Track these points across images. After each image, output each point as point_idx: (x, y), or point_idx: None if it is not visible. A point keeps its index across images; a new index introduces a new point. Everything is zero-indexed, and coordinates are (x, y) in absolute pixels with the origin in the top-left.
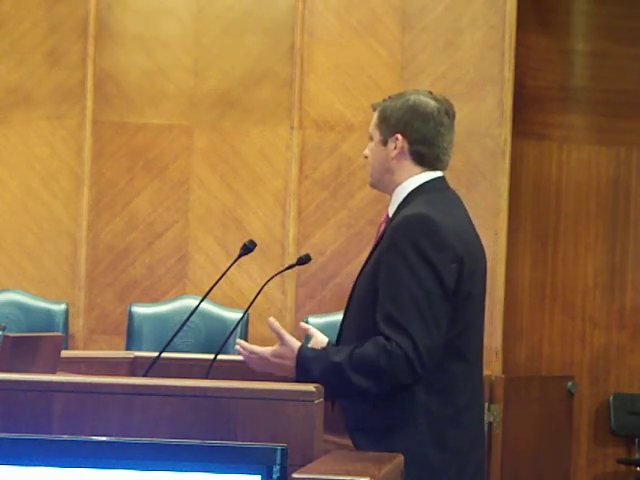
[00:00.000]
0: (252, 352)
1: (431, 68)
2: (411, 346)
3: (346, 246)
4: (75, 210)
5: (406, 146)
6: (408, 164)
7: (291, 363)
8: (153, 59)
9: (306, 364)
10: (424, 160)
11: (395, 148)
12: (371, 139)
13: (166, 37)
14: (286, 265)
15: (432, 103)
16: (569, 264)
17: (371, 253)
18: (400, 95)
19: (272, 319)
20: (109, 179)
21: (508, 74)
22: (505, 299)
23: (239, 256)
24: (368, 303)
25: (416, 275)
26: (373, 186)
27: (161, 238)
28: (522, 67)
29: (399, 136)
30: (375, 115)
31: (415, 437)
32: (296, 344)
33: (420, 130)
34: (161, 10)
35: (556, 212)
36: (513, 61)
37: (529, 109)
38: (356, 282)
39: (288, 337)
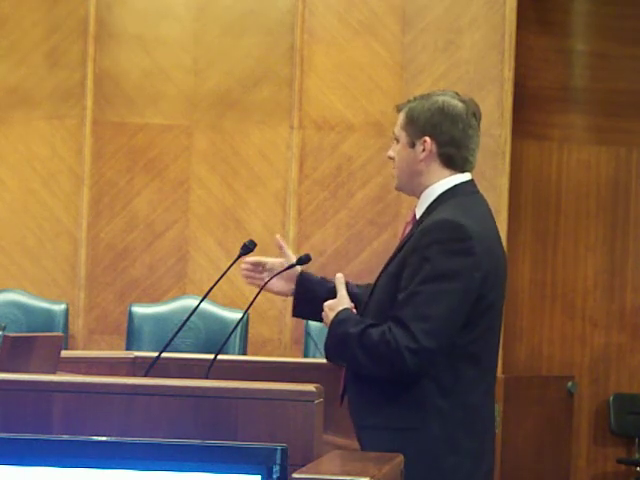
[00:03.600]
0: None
1: (431, 68)
2: (408, 342)
3: (346, 246)
4: (75, 210)
5: (434, 148)
6: (436, 167)
7: (332, 316)
8: (153, 59)
9: (337, 324)
10: (452, 162)
11: (424, 150)
12: (397, 141)
13: (166, 37)
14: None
15: (460, 105)
16: (569, 264)
17: (396, 253)
18: (427, 96)
19: (339, 275)
20: (109, 179)
21: (508, 74)
22: (505, 299)
23: (239, 256)
24: (388, 302)
25: (435, 278)
26: (400, 189)
27: (161, 238)
28: (522, 67)
29: (427, 138)
30: (401, 116)
31: (426, 438)
32: (345, 303)
33: (449, 132)
34: (161, 10)
35: (556, 212)
36: (513, 61)
37: (529, 109)
38: (377, 281)
39: (344, 293)
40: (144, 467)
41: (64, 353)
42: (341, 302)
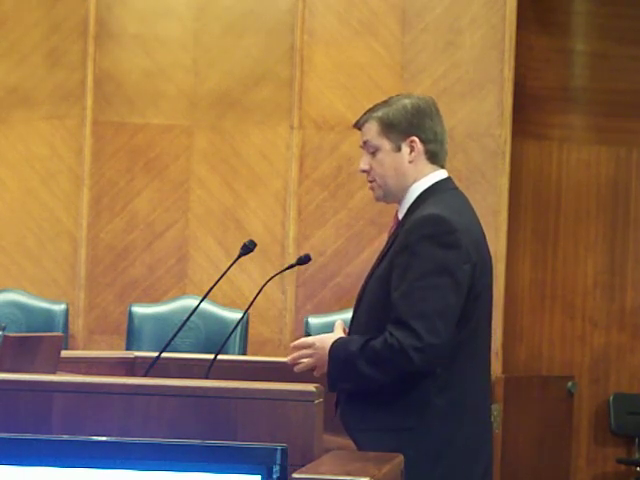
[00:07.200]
0: (302, 344)
1: (431, 68)
2: (413, 341)
3: (346, 246)
4: (75, 210)
5: (421, 147)
6: (423, 164)
7: (326, 350)
8: (153, 59)
9: (335, 350)
10: (436, 158)
11: (412, 151)
12: (375, 151)
13: (166, 37)
14: (286, 265)
15: (423, 103)
16: (569, 264)
17: (383, 255)
18: (390, 102)
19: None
20: (109, 179)
21: (508, 74)
22: (505, 299)
23: (239, 256)
24: (380, 306)
25: (427, 274)
26: (384, 198)
27: (161, 238)
28: (522, 67)
29: (415, 138)
30: (373, 126)
31: (423, 438)
32: (337, 335)
33: (432, 129)
34: (161, 10)
35: (556, 212)
36: (513, 61)
37: (529, 109)
38: (366, 284)
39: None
40: (144, 467)
41: (64, 353)
42: (332, 335)
